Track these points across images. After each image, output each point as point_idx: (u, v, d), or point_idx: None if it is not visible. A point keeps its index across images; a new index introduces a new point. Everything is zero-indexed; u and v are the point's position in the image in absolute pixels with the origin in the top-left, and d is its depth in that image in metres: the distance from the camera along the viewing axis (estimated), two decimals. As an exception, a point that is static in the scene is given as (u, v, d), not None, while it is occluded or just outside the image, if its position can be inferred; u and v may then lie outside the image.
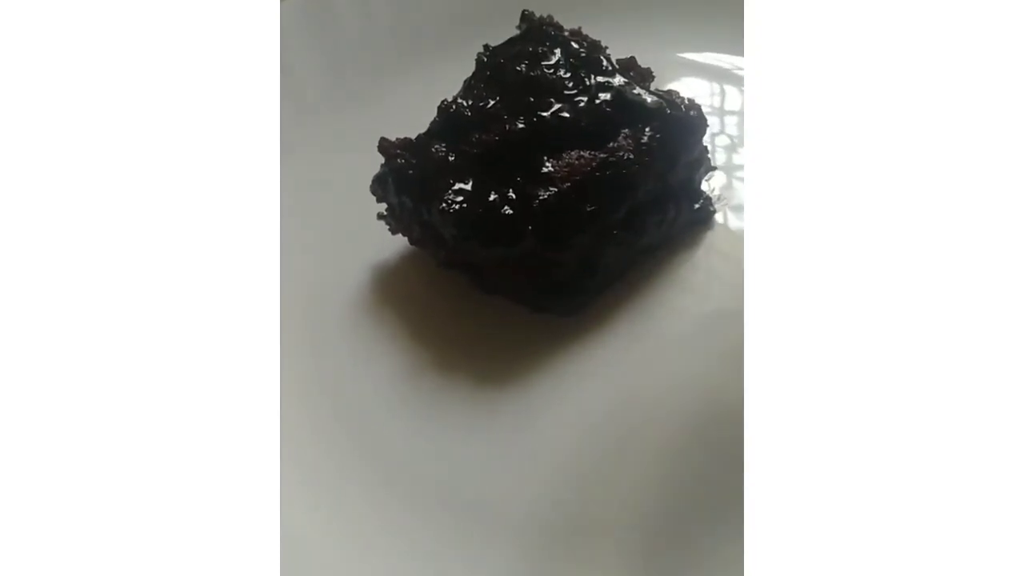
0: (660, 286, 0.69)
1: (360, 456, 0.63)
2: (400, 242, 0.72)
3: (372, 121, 0.74)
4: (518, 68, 0.68)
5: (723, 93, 0.82)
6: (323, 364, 0.68)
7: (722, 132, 0.79)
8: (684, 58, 0.85)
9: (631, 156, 0.64)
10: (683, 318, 0.68)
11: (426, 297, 0.71)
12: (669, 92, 0.69)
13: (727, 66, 0.84)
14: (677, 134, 0.67)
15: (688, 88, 0.81)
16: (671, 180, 0.68)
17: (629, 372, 0.65)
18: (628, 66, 0.71)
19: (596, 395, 0.64)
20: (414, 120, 0.69)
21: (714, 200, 0.73)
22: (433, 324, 0.69)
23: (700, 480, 0.60)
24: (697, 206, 0.71)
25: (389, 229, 0.71)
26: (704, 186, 0.73)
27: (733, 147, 0.78)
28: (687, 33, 0.86)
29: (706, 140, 0.70)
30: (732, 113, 0.81)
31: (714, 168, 0.72)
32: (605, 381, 0.65)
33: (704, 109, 0.69)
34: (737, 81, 0.83)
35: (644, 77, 0.70)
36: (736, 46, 0.82)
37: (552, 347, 0.67)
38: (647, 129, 0.65)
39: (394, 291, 0.72)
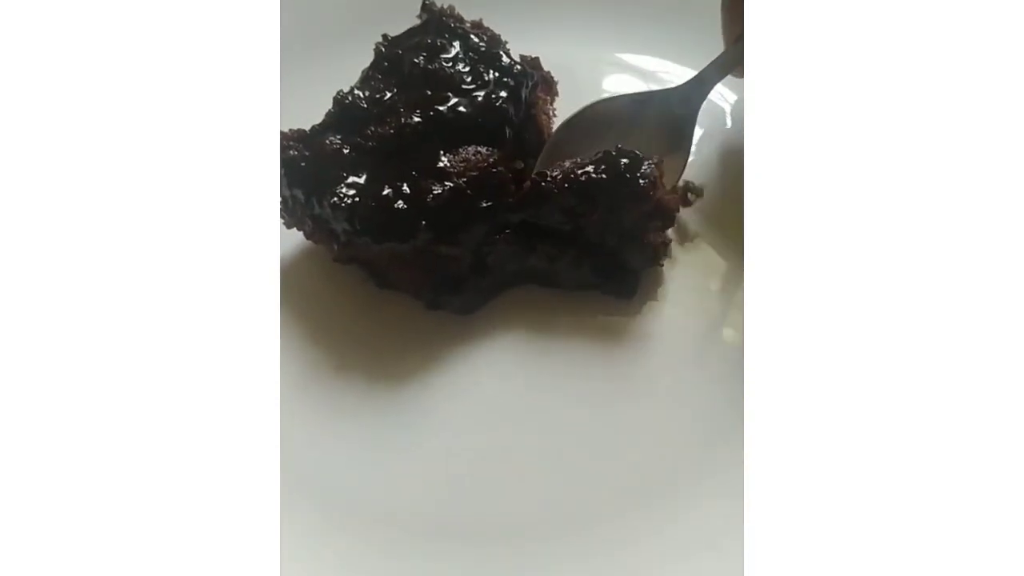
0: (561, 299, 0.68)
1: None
2: (295, 236, 0.69)
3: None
4: (416, 60, 0.67)
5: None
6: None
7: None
8: (621, 59, 0.85)
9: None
10: (581, 327, 0.67)
11: (321, 293, 0.69)
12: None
13: (654, 68, 0.83)
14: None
15: (620, 85, 0.81)
16: (588, 232, 0.64)
17: (524, 371, 0.65)
18: (533, 65, 0.71)
19: (491, 393, 0.64)
20: (315, 109, 0.67)
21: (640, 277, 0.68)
22: (329, 321, 0.68)
23: (600, 477, 0.60)
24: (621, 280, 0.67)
25: (283, 223, 0.69)
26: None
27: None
28: (626, 34, 0.86)
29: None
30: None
31: (661, 265, 0.68)
32: (500, 379, 0.64)
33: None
34: (661, 83, 0.81)
35: (547, 83, 0.70)
36: (672, 51, 0.83)
37: (447, 344, 0.66)
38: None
39: (289, 287, 0.70)
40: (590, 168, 0.62)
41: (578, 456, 0.61)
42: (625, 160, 0.62)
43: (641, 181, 0.61)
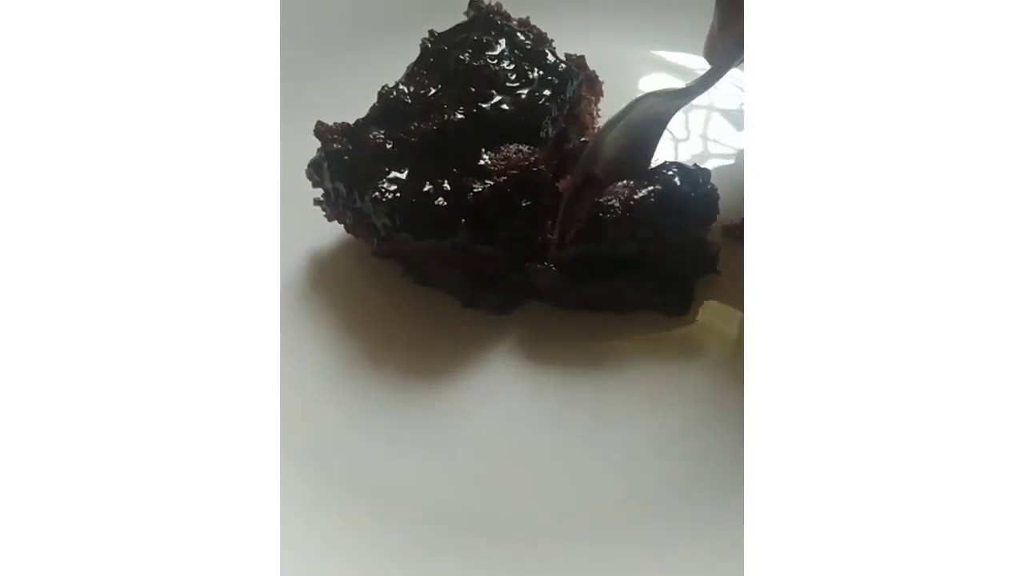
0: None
1: (285, 449, 0.61)
2: (336, 229, 0.70)
3: (315, 103, 0.72)
4: (461, 57, 0.67)
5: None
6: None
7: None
8: (657, 56, 0.84)
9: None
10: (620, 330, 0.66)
11: (359, 286, 0.69)
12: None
13: (695, 67, 0.82)
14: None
15: (656, 85, 0.80)
16: (649, 252, 0.63)
17: (558, 372, 0.64)
18: (578, 64, 0.71)
19: (523, 393, 0.64)
20: (359, 103, 0.68)
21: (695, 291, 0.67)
22: (365, 314, 0.68)
23: (631, 475, 0.59)
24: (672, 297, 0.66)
25: (325, 216, 0.69)
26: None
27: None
28: (663, 31, 0.85)
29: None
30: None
31: (717, 272, 0.67)
32: (533, 379, 0.64)
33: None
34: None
35: (591, 81, 0.70)
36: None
37: (482, 342, 0.66)
38: None
39: (328, 279, 0.70)
40: (645, 192, 0.61)
41: (609, 462, 0.60)
42: (678, 176, 0.61)
43: (704, 197, 0.61)
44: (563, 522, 0.58)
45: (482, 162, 0.63)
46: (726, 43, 0.62)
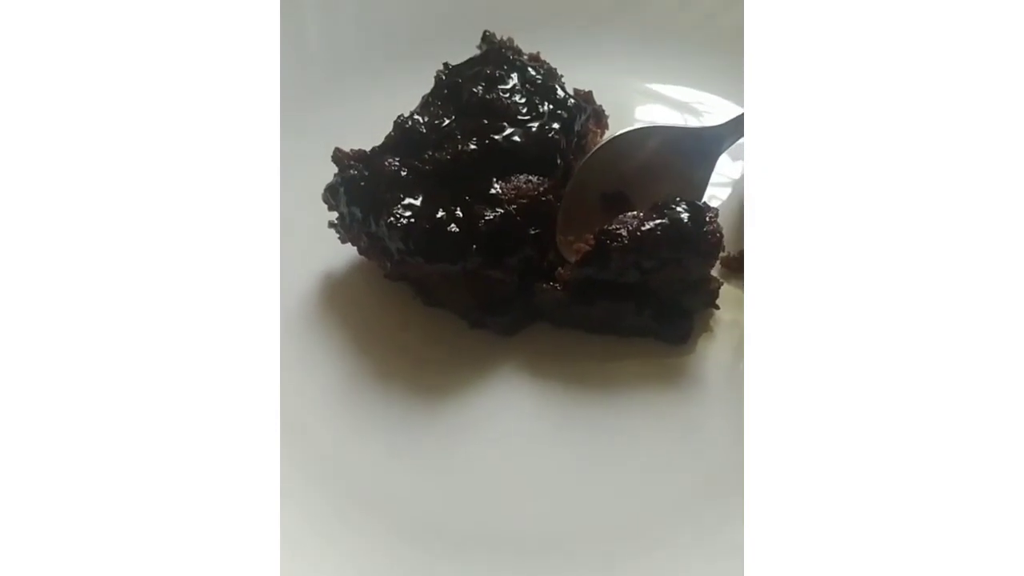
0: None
1: (295, 462, 0.63)
2: (349, 251, 0.72)
3: (332, 129, 0.75)
4: (474, 89, 0.69)
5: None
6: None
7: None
8: (651, 88, 0.87)
9: None
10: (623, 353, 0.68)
11: (370, 306, 0.72)
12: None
13: (688, 100, 0.86)
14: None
15: (655, 117, 0.84)
16: (652, 282, 0.65)
17: (562, 394, 0.67)
18: (586, 99, 0.74)
19: (527, 413, 0.66)
20: (375, 131, 0.70)
21: (694, 323, 0.68)
22: (375, 333, 0.70)
23: (631, 495, 0.61)
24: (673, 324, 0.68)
25: (339, 238, 0.72)
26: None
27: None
28: (657, 64, 0.88)
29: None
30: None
31: (717, 307, 0.68)
32: (538, 400, 0.66)
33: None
34: (696, 114, 0.84)
35: (598, 115, 0.73)
36: (702, 82, 0.85)
37: (488, 363, 0.68)
38: None
39: (340, 299, 0.72)
40: (652, 224, 0.63)
41: (610, 481, 0.62)
42: (687, 213, 0.63)
43: (708, 236, 0.63)
44: (564, 540, 0.60)
45: (493, 191, 0.65)
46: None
